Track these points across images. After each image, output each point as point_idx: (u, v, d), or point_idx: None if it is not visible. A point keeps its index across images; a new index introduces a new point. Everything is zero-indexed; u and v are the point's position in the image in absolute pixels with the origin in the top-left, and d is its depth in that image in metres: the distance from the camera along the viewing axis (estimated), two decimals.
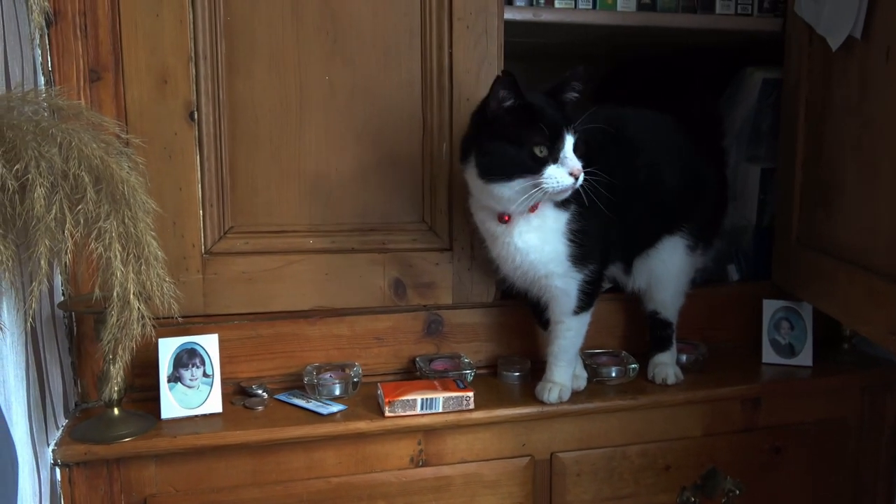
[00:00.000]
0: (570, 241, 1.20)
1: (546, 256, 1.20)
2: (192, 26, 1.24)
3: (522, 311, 1.40)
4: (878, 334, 1.15)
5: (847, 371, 1.47)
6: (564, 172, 1.09)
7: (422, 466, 1.26)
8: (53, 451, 1.10)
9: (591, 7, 1.46)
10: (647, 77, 2.01)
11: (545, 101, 1.13)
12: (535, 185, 1.09)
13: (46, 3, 1.12)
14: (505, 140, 1.10)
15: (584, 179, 1.11)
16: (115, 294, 0.95)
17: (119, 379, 1.10)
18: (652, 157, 1.32)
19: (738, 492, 1.38)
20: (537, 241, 1.19)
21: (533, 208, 1.16)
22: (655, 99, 1.90)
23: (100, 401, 1.21)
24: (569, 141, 1.10)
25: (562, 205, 1.18)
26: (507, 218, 1.17)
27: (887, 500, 1.52)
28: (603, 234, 1.23)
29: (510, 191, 1.10)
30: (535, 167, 1.09)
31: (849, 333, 1.54)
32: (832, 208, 1.33)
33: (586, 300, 1.26)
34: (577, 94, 1.17)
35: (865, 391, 1.47)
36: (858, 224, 1.23)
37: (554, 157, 1.09)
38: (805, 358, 1.46)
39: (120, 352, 0.99)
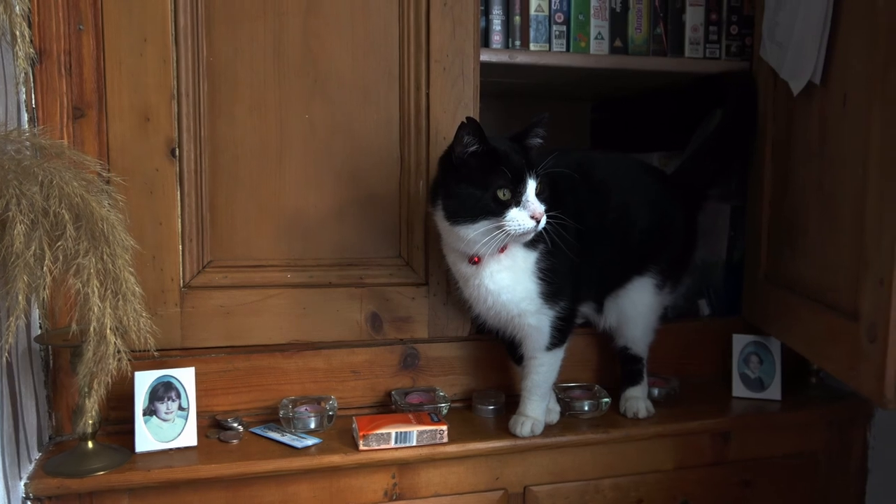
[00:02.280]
0: (541, 279, 1.23)
1: (518, 296, 1.23)
2: (175, 65, 1.27)
3: (497, 345, 1.42)
4: (838, 370, 1.18)
5: (815, 405, 1.50)
6: (526, 216, 1.12)
7: (396, 500, 1.27)
8: (26, 484, 1.10)
9: (564, 50, 1.51)
10: (623, 118, 2.08)
11: (509, 146, 1.17)
12: (499, 228, 1.12)
13: (32, 49, 1.14)
14: (469, 184, 1.13)
15: (548, 222, 1.15)
16: (91, 328, 0.96)
17: (94, 412, 1.11)
18: (620, 200, 1.36)
19: None
20: (508, 281, 1.22)
21: (502, 249, 1.19)
22: (630, 138, 1.97)
23: (74, 434, 1.21)
24: (531, 185, 1.14)
25: (531, 244, 1.22)
26: (476, 259, 1.20)
27: None
28: (573, 271, 1.26)
29: (475, 232, 1.14)
30: (498, 210, 1.12)
31: (816, 368, 1.57)
32: (796, 246, 1.37)
33: (559, 336, 1.29)
34: (540, 140, 1.20)
35: (833, 425, 1.50)
36: (820, 262, 1.27)
37: (517, 200, 1.13)
38: (774, 392, 1.49)
39: (95, 385, 1.00)
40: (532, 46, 1.49)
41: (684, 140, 1.76)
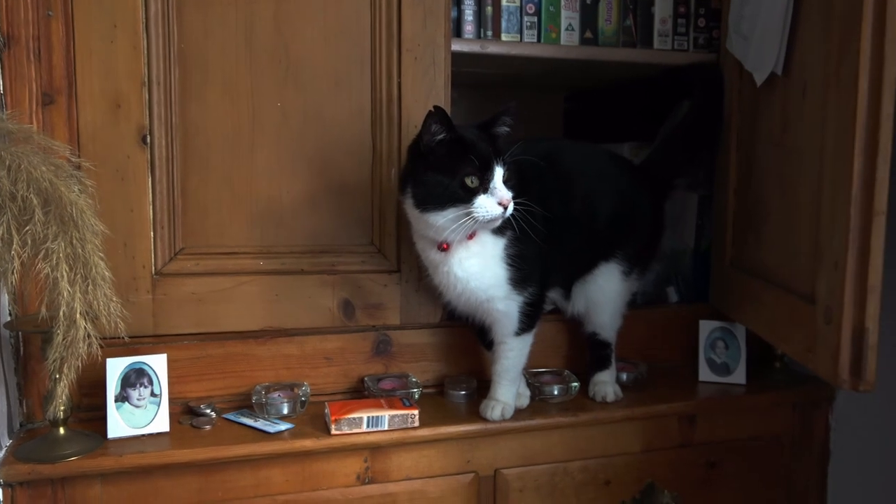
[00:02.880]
0: (509, 265, 1.25)
1: (486, 282, 1.25)
2: (146, 52, 1.27)
3: (468, 331, 1.44)
4: (797, 352, 1.21)
5: (778, 389, 1.54)
6: (494, 202, 1.14)
7: (368, 484, 1.28)
8: None
9: (536, 40, 1.53)
10: (594, 108, 2.10)
11: (476, 135, 1.19)
12: (467, 214, 1.14)
13: None
14: (438, 171, 1.15)
15: (515, 209, 1.17)
16: (61, 313, 0.97)
17: (64, 397, 1.11)
18: (587, 188, 1.39)
19: None
20: (477, 267, 1.24)
21: (471, 236, 1.21)
22: (602, 129, 1.99)
23: (45, 421, 1.22)
24: (498, 172, 1.16)
25: (499, 231, 1.24)
26: (445, 246, 1.22)
27: None
28: (540, 257, 1.29)
29: (443, 219, 1.15)
30: (465, 197, 1.14)
31: (780, 353, 1.61)
32: (760, 234, 1.40)
33: (528, 322, 1.31)
34: (508, 129, 1.22)
35: (796, 408, 1.54)
36: (781, 249, 1.30)
37: (484, 187, 1.15)
38: (739, 376, 1.53)
39: (65, 370, 1.00)
40: (504, 37, 1.51)
41: (655, 130, 1.79)
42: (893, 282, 1.19)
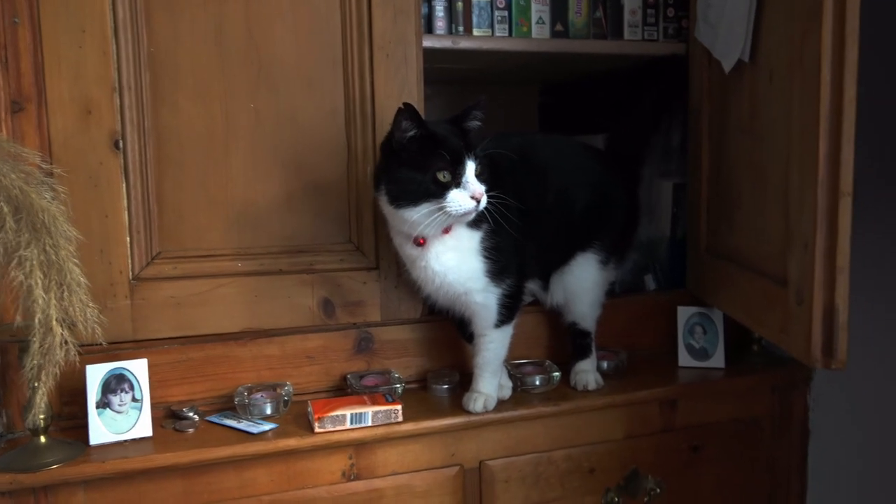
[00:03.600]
0: (486, 257, 1.26)
1: (464, 275, 1.26)
2: (115, 57, 1.27)
3: (450, 325, 1.45)
4: (771, 333, 1.24)
5: (757, 371, 1.56)
6: (466, 196, 1.15)
7: (353, 480, 1.29)
8: None
9: (507, 35, 1.54)
10: (568, 102, 2.12)
11: (447, 130, 1.20)
12: (440, 209, 1.15)
13: None
14: (410, 168, 1.16)
15: (490, 202, 1.18)
16: (36, 320, 0.96)
17: (44, 405, 1.11)
18: (561, 180, 1.40)
19: (659, 490, 1.45)
20: (454, 261, 1.25)
21: (447, 230, 1.22)
22: (576, 122, 2.01)
23: (26, 430, 1.21)
24: (470, 166, 1.17)
25: (474, 224, 1.24)
26: (421, 241, 1.23)
27: (801, 493, 1.61)
28: (517, 249, 1.30)
29: (417, 214, 1.16)
30: (438, 192, 1.15)
31: (757, 336, 1.63)
32: (733, 220, 1.42)
33: (507, 313, 1.32)
34: (479, 123, 1.23)
35: (775, 390, 1.57)
36: (754, 233, 1.32)
37: (456, 181, 1.16)
38: (718, 360, 1.55)
39: (43, 377, 1.00)
40: (475, 32, 1.52)
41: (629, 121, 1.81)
42: (864, 262, 1.22)
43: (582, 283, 1.43)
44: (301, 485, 1.26)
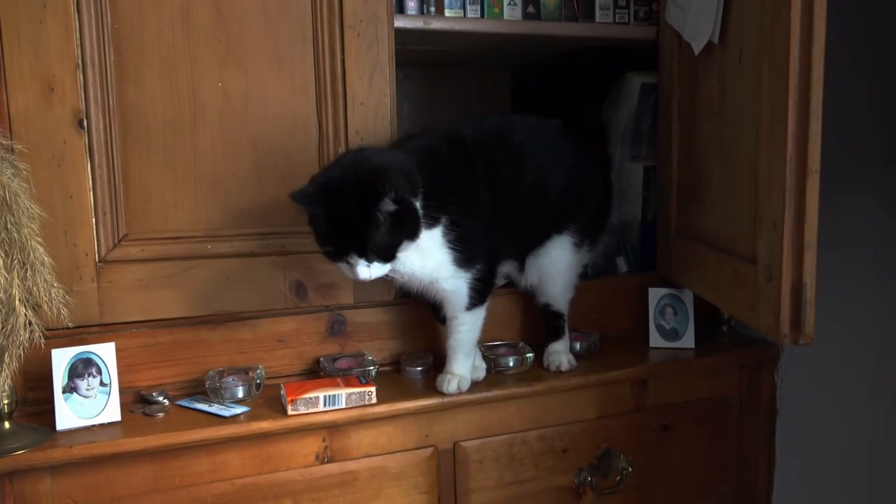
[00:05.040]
0: (451, 248, 1.25)
1: (430, 266, 1.25)
2: (78, 33, 1.23)
3: (423, 308, 1.44)
4: (741, 312, 1.25)
5: (726, 351, 1.58)
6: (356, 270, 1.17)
7: (327, 463, 1.28)
8: None
9: (479, 16, 1.53)
10: (540, 85, 2.12)
11: (339, 223, 1.16)
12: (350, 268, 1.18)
13: None
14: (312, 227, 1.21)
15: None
16: None
17: (8, 388, 1.08)
18: (536, 162, 1.39)
19: (631, 469, 1.46)
20: (419, 260, 1.24)
21: None
22: (548, 105, 2.01)
23: None
24: (359, 261, 1.16)
25: (431, 222, 1.22)
26: None
27: (769, 470, 1.65)
28: (485, 235, 1.29)
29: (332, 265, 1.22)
30: (331, 259, 1.20)
31: (727, 317, 1.66)
32: (702, 201, 1.44)
33: (478, 297, 1.32)
34: (395, 206, 1.13)
35: (743, 369, 1.59)
36: (723, 214, 1.34)
37: (344, 260, 1.18)
38: (688, 341, 1.57)
39: (7, 360, 0.97)
40: (447, 12, 1.51)
41: (602, 105, 1.81)
42: (831, 239, 1.25)
43: (556, 266, 1.43)
44: (274, 468, 1.25)
